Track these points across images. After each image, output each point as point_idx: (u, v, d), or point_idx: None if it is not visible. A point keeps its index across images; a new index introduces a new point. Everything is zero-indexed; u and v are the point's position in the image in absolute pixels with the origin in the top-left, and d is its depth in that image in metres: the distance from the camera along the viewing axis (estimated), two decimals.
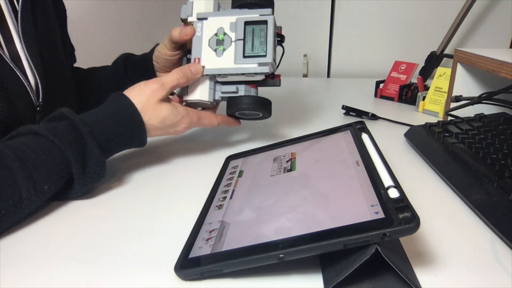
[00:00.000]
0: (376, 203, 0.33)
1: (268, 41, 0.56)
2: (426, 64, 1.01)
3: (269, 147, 0.55)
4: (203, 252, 0.35)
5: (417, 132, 0.62)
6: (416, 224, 0.29)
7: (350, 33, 1.16)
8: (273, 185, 0.43)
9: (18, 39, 0.54)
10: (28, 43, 0.54)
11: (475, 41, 1.11)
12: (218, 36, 0.58)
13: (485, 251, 0.37)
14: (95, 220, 0.44)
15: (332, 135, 0.51)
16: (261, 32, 0.56)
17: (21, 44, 0.54)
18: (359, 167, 0.40)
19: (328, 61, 1.20)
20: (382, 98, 0.91)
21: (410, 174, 0.53)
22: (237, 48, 0.57)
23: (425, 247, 0.37)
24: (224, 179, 0.50)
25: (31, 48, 0.54)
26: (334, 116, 0.78)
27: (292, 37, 1.19)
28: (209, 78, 0.58)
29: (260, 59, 0.56)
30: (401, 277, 0.31)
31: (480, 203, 0.42)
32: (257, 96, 0.59)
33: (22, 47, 0.54)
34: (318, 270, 0.35)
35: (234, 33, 0.57)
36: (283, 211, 0.37)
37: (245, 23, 0.57)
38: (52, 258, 0.38)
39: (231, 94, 0.59)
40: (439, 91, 0.77)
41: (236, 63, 0.56)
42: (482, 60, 0.61)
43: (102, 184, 0.51)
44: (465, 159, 0.50)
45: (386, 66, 0.95)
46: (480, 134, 0.54)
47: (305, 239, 0.32)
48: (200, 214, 0.43)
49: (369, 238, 0.30)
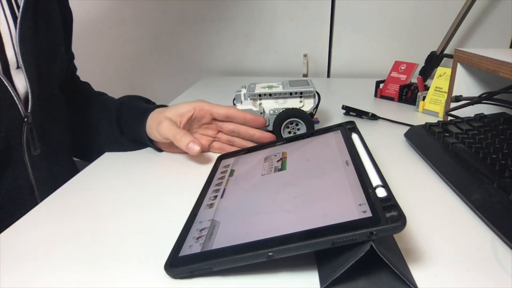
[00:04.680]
0: (364, 202, 0.34)
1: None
2: (426, 64, 1.01)
3: (261, 146, 0.56)
4: (193, 250, 0.36)
5: (417, 132, 0.62)
6: (402, 222, 0.30)
7: (350, 33, 1.16)
8: (264, 184, 0.44)
9: (12, 46, 0.51)
10: (24, 51, 0.52)
11: (475, 41, 1.11)
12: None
13: (485, 251, 0.37)
14: (88, 219, 0.44)
15: (322, 135, 0.51)
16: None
17: (14, 52, 0.52)
18: (349, 167, 0.40)
19: (328, 61, 1.20)
20: (382, 98, 0.91)
21: (410, 174, 0.53)
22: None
23: (424, 247, 0.37)
24: (215, 178, 0.50)
25: (27, 56, 0.52)
26: (334, 116, 0.78)
27: (292, 36, 1.20)
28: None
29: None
30: (396, 274, 0.31)
31: (480, 203, 0.42)
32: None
33: (15, 55, 0.52)
34: (313, 268, 0.35)
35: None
36: (273, 210, 0.38)
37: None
38: (50, 257, 0.38)
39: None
40: (439, 91, 0.77)
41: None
42: (482, 60, 0.61)
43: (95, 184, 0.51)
44: (465, 159, 0.50)
45: (386, 66, 0.95)
46: (480, 134, 0.54)
47: (293, 238, 0.32)
48: (190, 212, 0.43)
49: (356, 237, 0.31)
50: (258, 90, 0.62)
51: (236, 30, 1.20)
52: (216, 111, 0.60)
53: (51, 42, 0.58)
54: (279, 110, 0.62)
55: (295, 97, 0.62)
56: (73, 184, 0.53)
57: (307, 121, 0.61)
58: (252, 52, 1.22)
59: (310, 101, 0.62)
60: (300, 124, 0.61)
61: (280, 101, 0.62)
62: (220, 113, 0.60)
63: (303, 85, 0.63)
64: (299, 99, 0.62)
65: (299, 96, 0.62)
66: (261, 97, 0.62)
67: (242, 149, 0.59)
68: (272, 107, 0.63)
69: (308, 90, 0.61)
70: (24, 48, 0.52)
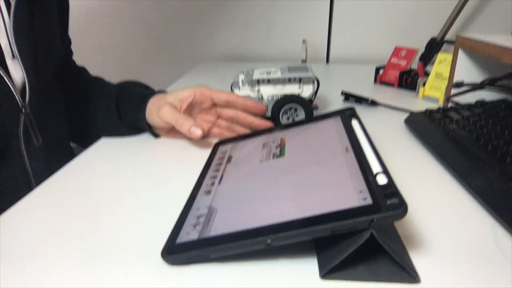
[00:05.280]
0: (364, 189, 0.33)
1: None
2: (426, 50, 1.00)
3: (259, 133, 0.55)
4: (190, 237, 0.35)
5: (417, 119, 0.61)
6: (403, 210, 0.29)
7: (350, 18, 1.14)
8: (262, 171, 0.43)
9: (6, 35, 0.50)
10: (19, 40, 0.51)
11: (476, 26, 1.10)
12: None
13: (486, 238, 0.36)
14: (84, 205, 0.44)
15: (322, 121, 0.51)
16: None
17: (8, 41, 0.50)
18: (348, 154, 0.40)
19: (327, 46, 1.19)
20: (381, 84, 0.90)
21: (410, 160, 0.52)
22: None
23: (425, 234, 0.37)
24: (213, 164, 0.50)
25: (23, 45, 0.51)
26: (333, 102, 0.77)
27: (290, 21, 1.18)
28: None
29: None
30: (397, 262, 0.31)
31: (481, 190, 0.42)
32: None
33: (10, 44, 0.50)
34: (313, 255, 0.34)
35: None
36: (271, 196, 0.37)
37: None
38: (45, 243, 0.37)
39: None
40: (439, 77, 0.76)
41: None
42: (484, 46, 0.60)
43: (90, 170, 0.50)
44: (466, 145, 0.49)
45: (386, 52, 0.94)
46: (481, 120, 0.54)
47: (292, 225, 0.32)
48: (188, 199, 0.42)
49: (356, 224, 0.30)
50: (257, 76, 0.61)
51: (233, 15, 1.18)
52: (217, 96, 0.59)
53: (47, 30, 0.57)
54: (277, 96, 0.61)
55: (293, 83, 0.61)
56: (69, 170, 0.52)
57: (306, 107, 0.60)
58: (250, 37, 1.21)
59: (309, 87, 0.61)
60: (299, 110, 0.61)
61: (278, 87, 0.62)
62: (221, 98, 0.59)
63: (302, 71, 0.62)
64: (298, 85, 0.61)
65: (298, 82, 0.61)
66: (260, 83, 0.62)
67: (240, 135, 0.58)
68: (270, 93, 0.62)
69: (307, 76, 0.61)
70: (19, 37, 0.51)
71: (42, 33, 0.55)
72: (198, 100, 0.59)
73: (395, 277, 0.31)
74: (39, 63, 0.54)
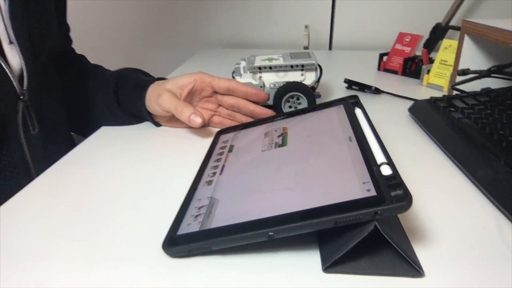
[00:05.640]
0: (368, 180, 0.32)
1: None
2: (431, 36, 0.98)
3: (261, 121, 0.54)
4: (191, 229, 0.35)
5: (422, 107, 0.60)
6: (408, 202, 0.29)
7: (353, 3, 1.12)
8: (264, 161, 0.42)
9: (1, 20, 0.49)
10: (16, 25, 0.50)
11: (483, 11, 1.08)
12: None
13: (491, 230, 0.36)
14: (83, 195, 0.43)
15: (325, 110, 0.50)
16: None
17: (5, 27, 0.49)
18: (352, 143, 0.39)
19: (330, 32, 1.17)
20: (385, 71, 0.89)
21: (414, 150, 0.52)
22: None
23: (429, 226, 0.36)
24: (214, 154, 0.49)
25: (19, 30, 0.50)
26: (336, 90, 0.76)
27: (293, 7, 1.16)
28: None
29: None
30: (400, 254, 0.30)
31: (486, 180, 0.41)
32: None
33: (6, 29, 0.49)
34: (315, 247, 0.34)
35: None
36: (273, 187, 0.37)
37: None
38: (44, 233, 0.37)
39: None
40: (444, 64, 0.75)
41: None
42: (491, 32, 0.58)
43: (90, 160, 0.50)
44: (471, 134, 0.48)
45: (390, 38, 0.92)
46: (487, 109, 0.53)
47: (295, 217, 0.31)
48: (189, 190, 0.42)
49: (360, 216, 0.30)
50: (258, 63, 0.60)
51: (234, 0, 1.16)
52: (217, 83, 0.58)
53: (43, 15, 0.56)
54: (279, 83, 0.60)
55: (296, 70, 0.60)
56: (68, 159, 0.52)
57: (308, 95, 0.59)
58: (251, 23, 1.19)
59: (312, 74, 0.60)
60: (301, 98, 0.60)
61: (280, 74, 0.60)
62: (221, 86, 0.58)
63: (305, 58, 0.61)
64: (300, 72, 0.60)
65: (300, 69, 0.60)
66: (261, 70, 0.60)
67: (242, 124, 0.57)
68: (272, 81, 0.61)
69: (309, 62, 0.59)
70: (16, 21, 0.50)
71: (38, 17, 0.54)
72: (198, 88, 0.58)
73: (398, 271, 0.31)
74: (35, 48, 0.53)
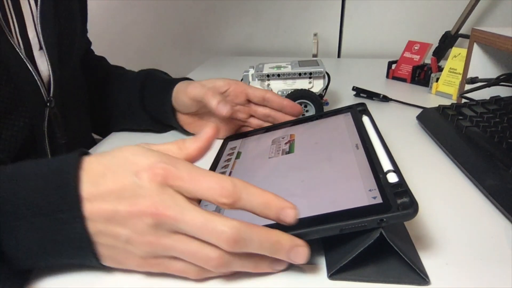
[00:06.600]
0: (375, 188, 0.32)
1: None
2: (440, 44, 0.98)
3: (268, 128, 0.55)
4: None
5: (430, 115, 0.60)
6: (414, 209, 0.29)
7: (362, 12, 1.13)
8: (271, 167, 0.43)
9: (33, 26, 0.48)
10: (46, 31, 0.48)
11: (493, 20, 1.07)
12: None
13: (499, 239, 0.35)
14: None
15: (332, 117, 0.50)
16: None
17: (36, 32, 0.48)
18: (359, 151, 0.39)
19: (339, 40, 1.17)
20: (394, 79, 0.89)
21: (422, 158, 0.52)
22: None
23: (435, 234, 0.36)
24: (222, 160, 0.49)
25: (49, 37, 0.49)
26: (344, 98, 0.76)
27: (302, 15, 1.17)
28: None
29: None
30: (406, 262, 0.30)
31: (494, 189, 0.41)
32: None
33: (37, 35, 0.48)
34: (320, 254, 0.34)
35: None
36: (280, 194, 0.36)
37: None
38: None
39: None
40: (453, 73, 0.75)
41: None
42: (501, 40, 0.58)
43: None
44: (479, 143, 0.48)
45: (399, 46, 0.93)
46: (496, 117, 0.52)
47: (301, 223, 0.31)
48: None
49: (365, 224, 0.30)
50: (266, 71, 0.61)
51: (244, 8, 1.18)
52: (253, 92, 0.57)
53: (71, 21, 0.55)
54: (287, 91, 0.60)
55: (304, 77, 0.60)
56: None
57: (316, 103, 0.59)
58: (261, 31, 1.20)
59: (320, 82, 0.61)
60: (309, 105, 0.60)
61: (288, 82, 0.61)
62: (257, 94, 0.56)
63: (313, 66, 0.61)
64: (308, 79, 0.60)
65: (309, 76, 0.60)
66: (269, 78, 0.61)
67: (249, 131, 0.58)
68: (280, 88, 0.61)
69: (317, 70, 0.60)
70: (46, 28, 0.49)
71: (66, 23, 0.53)
72: (232, 92, 0.56)
73: (404, 279, 0.31)
74: (63, 54, 0.52)
